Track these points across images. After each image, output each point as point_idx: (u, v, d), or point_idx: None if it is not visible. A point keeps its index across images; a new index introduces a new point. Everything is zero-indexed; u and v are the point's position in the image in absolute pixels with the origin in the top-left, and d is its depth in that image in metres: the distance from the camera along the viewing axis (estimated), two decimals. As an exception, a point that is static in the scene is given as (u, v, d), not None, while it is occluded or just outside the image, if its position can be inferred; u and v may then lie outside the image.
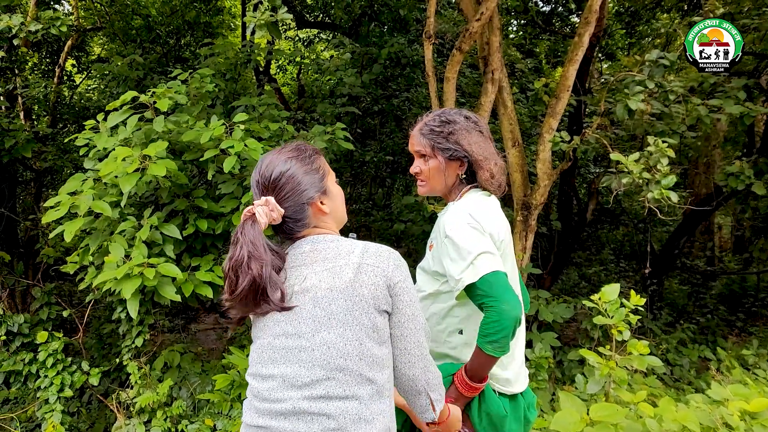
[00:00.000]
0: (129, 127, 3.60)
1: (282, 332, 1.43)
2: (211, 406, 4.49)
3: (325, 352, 1.38)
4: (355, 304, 1.40)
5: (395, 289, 1.44)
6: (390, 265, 1.45)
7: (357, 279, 1.41)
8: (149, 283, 3.44)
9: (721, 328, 8.06)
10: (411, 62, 7.35)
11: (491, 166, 1.89)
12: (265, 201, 1.46)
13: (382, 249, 1.48)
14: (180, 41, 9.33)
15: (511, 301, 1.60)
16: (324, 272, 1.43)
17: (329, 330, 1.39)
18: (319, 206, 1.53)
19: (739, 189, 5.27)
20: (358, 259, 1.43)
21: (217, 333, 8.75)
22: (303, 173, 1.51)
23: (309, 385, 1.38)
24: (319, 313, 1.40)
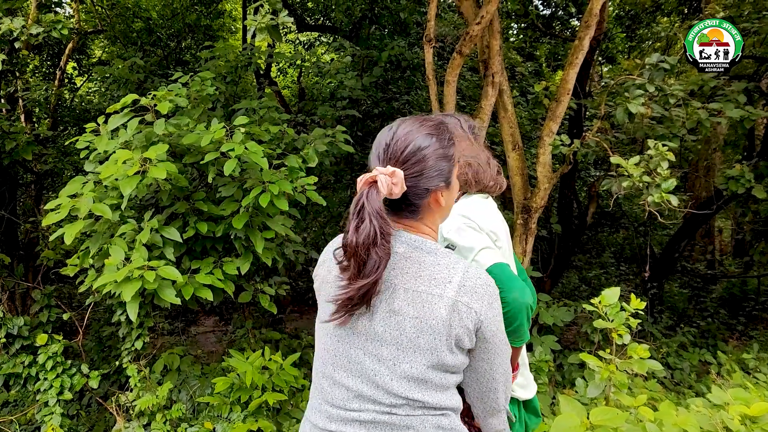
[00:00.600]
0: (129, 130, 3.60)
1: (362, 347, 1.38)
2: (210, 409, 4.48)
3: (405, 385, 1.34)
4: (441, 344, 1.33)
5: (483, 328, 1.36)
6: (484, 305, 1.35)
7: (450, 319, 1.32)
8: (149, 286, 3.44)
9: (721, 331, 8.06)
10: (411, 65, 7.36)
11: (483, 166, 1.88)
12: (392, 172, 1.31)
13: (479, 284, 1.36)
14: (181, 44, 9.34)
15: (520, 289, 1.59)
16: (415, 295, 1.34)
17: (411, 364, 1.34)
18: (439, 197, 1.40)
19: (739, 192, 5.26)
20: (453, 295, 1.32)
21: (217, 336, 8.75)
22: (437, 157, 1.37)
23: (388, 406, 1.35)
24: (404, 342, 1.34)
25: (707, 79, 5.33)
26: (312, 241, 8.02)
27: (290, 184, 3.88)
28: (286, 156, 4.26)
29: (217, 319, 9.91)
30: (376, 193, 1.29)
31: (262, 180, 3.79)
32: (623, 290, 8.69)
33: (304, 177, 4.11)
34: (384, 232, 1.28)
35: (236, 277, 4.10)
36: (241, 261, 4.06)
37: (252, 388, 4.22)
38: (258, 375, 4.21)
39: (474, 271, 1.37)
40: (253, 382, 4.17)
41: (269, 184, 3.75)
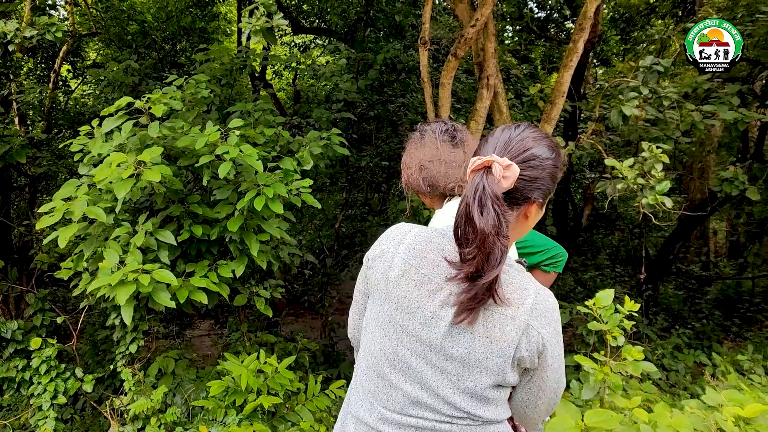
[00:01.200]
0: (124, 133, 3.59)
1: (425, 356, 1.35)
2: (205, 412, 4.46)
3: (466, 400, 1.33)
4: (508, 365, 1.31)
5: (546, 353, 1.33)
6: (551, 330, 1.32)
7: (520, 342, 1.29)
8: (144, 290, 3.43)
9: (716, 333, 8.08)
10: (406, 68, 7.36)
11: (411, 170, 1.91)
12: (509, 165, 1.25)
13: (549, 308, 1.32)
14: (175, 47, 9.33)
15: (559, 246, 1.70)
16: (487, 314, 1.30)
17: (476, 382, 1.32)
18: (532, 211, 1.36)
19: (733, 194, 5.29)
20: (526, 318, 1.29)
21: (212, 339, 8.73)
22: (550, 173, 1.33)
23: (447, 416, 1.34)
24: (471, 361, 1.31)
25: (701, 81, 5.36)
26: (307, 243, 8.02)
27: (285, 187, 3.88)
28: (281, 159, 4.25)
29: (212, 322, 9.89)
30: (492, 177, 1.24)
31: (257, 183, 3.78)
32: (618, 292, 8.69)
33: (299, 180, 4.11)
34: (506, 219, 1.22)
35: (231, 280, 4.09)
36: (236, 264, 4.05)
37: (247, 391, 4.21)
38: (253, 378, 4.20)
39: (545, 294, 1.34)
40: (248, 385, 4.16)
41: (264, 186, 3.74)
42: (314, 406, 4.44)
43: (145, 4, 9.30)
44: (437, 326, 1.32)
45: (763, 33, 5.33)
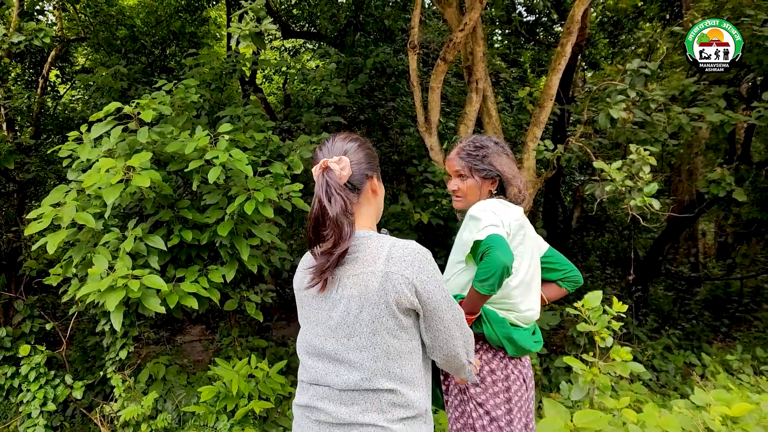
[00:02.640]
0: (113, 138, 3.58)
1: (323, 335, 1.60)
2: (196, 418, 4.44)
3: (358, 355, 1.53)
4: (381, 311, 1.51)
5: (421, 291, 1.52)
6: (414, 270, 1.52)
7: (383, 288, 1.50)
8: (133, 295, 3.40)
9: (705, 333, 8.14)
10: (396, 72, 7.38)
11: (518, 183, 2.24)
12: (339, 159, 1.60)
13: (407, 252, 1.54)
14: (165, 51, 9.30)
15: (505, 252, 1.87)
16: (355, 278, 1.54)
17: (360, 336, 1.53)
18: (375, 184, 1.69)
19: (720, 196, 5.33)
20: (383, 267, 1.52)
21: (203, 344, 8.70)
22: (369, 152, 1.70)
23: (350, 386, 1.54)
24: (351, 320, 1.54)
25: (688, 84, 5.41)
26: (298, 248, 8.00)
27: (275, 192, 3.87)
28: (271, 163, 4.25)
29: (203, 327, 9.85)
30: (330, 171, 1.57)
31: (247, 187, 3.78)
32: (608, 293, 8.75)
33: (290, 184, 4.11)
34: (349, 200, 1.55)
35: (222, 285, 4.08)
36: (227, 269, 4.04)
37: (238, 396, 4.20)
38: (244, 383, 4.18)
39: (401, 243, 1.56)
40: (239, 390, 4.15)
41: (254, 191, 3.74)
42: (306, 411, 4.43)
43: (134, 9, 9.27)
44: (326, 306, 1.59)
45: (748, 36, 5.39)
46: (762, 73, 5.79)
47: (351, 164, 1.62)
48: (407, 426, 1.54)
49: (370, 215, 1.69)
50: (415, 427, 1.56)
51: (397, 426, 1.52)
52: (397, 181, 9.04)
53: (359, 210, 1.66)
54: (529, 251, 2.19)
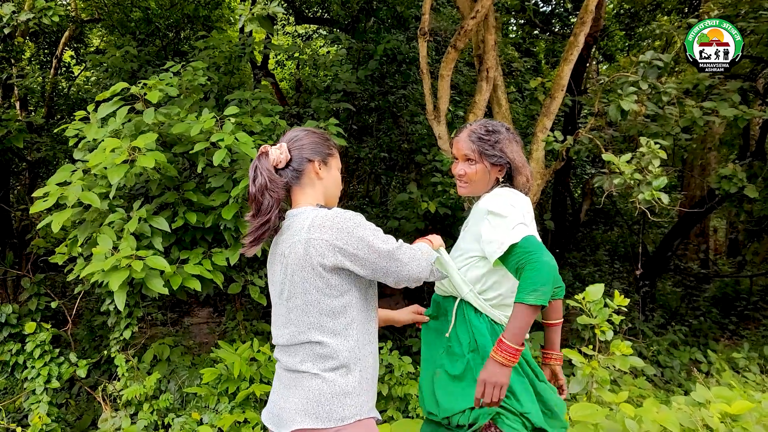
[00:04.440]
0: (119, 119, 3.58)
1: (275, 300, 1.85)
2: (198, 399, 4.48)
3: (297, 314, 1.76)
4: (308, 273, 1.71)
5: (345, 247, 1.69)
6: (333, 232, 1.70)
7: (307, 254, 1.70)
8: (137, 276, 3.42)
9: (713, 330, 8.07)
10: (407, 59, 7.32)
11: (527, 172, 2.17)
12: (280, 145, 1.86)
13: (327, 218, 1.72)
14: (179, 35, 9.28)
15: (550, 256, 1.80)
16: (288, 246, 1.76)
17: (296, 296, 1.75)
18: (317, 168, 1.86)
19: (731, 192, 5.26)
20: (305, 235, 1.71)
21: (210, 327, 8.75)
22: (315, 140, 1.90)
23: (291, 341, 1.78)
24: (287, 281, 1.77)
25: (702, 78, 5.33)
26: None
27: (280, 176, 3.86)
28: (277, 148, 4.23)
29: (210, 310, 9.92)
30: (265, 157, 1.82)
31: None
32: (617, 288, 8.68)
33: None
34: (272, 180, 1.77)
35: (226, 268, 4.09)
36: (231, 252, 4.05)
37: (240, 379, 4.22)
38: (246, 366, 4.21)
39: (322, 213, 1.74)
40: (241, 373, 4.17)
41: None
42: (306, 395, 4.45)
43: (148, -9, 9.24)
44: (275, 277, 1.84)
45: (765, 30, 5.29)
46: (779, 69, 5.69)
47: (292, 149, 1.85)
48: (337, 374, 1.74)
49: (315, 195, 1.88)
50: (348, 379, 1.75)
51: (329, 374, 1.73)
52: (407, 169, 9.01)
53: (302, 190, 1.86)
54: None
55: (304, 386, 1.74)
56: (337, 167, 1.96)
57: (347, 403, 1.73)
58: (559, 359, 2.25)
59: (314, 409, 1.72)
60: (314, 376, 1.74)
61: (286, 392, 1.80)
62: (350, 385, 1.75)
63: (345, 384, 1.74)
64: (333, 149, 1.95)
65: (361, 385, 1.78)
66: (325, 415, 1.71)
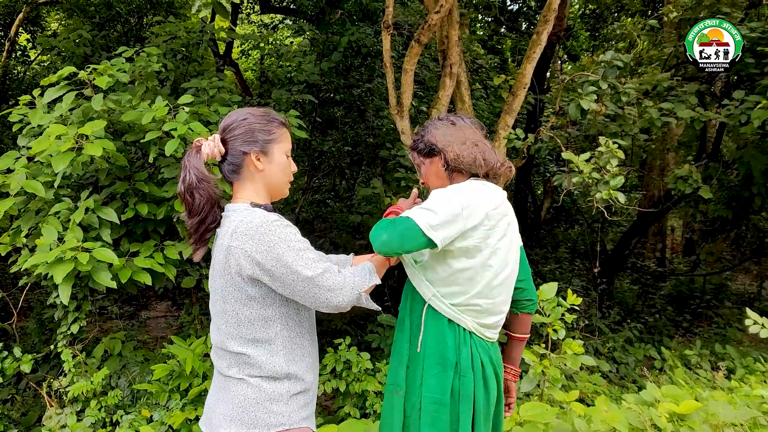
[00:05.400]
0: (65, 104, 3.43)
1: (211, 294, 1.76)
2: (149, 396, 4.36)
3: (219, 318, 1.70)
4: (227, 282, 1.64)
5: (262, 261, 1.58)
6: (254, 242, 1.58)
7: (227, 261, 1.62)
8: (83, 268, 3.29)
9: (667, 327, 8.25)
10: (373, 52, 7.26)
11: (455, 148, 1.97)
12: (213, 137, 1.72)
13: (249, 226, 1.60)
14: (141, 21, 9.03)
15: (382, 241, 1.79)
16: (215, 249, 1.69)
17: (216, 302, 1.70)
18: (254, 161, 1.71)
19: (687, 192, 5.35)
20: (227, 242, 1.62)
21: (167, 321, 8.58)
22: (252, 128, 1.72)
23: (217, 345, 1.73)
24: (213, 287, 1.71)
25: (662, 79, 5.39)
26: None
27: (237, 168, 3.76)
28: (235, 139, 4.12)
29: (169, 304, 9.72)
30: (195, 152, 1.69)
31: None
32: (576, 285, 8.82)
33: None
34: (201, 178, 1.64)
35: (179, 261, 3.97)
36: (184, 245, 3.94)
37: (192, 375, 4.12)
38: (199, 362, 4.10)
39: (247, 218, 1.61)
40: (194, 369, 4.07)
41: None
42: (261, 392, 4.37)
43: (108, -27, 8.94)
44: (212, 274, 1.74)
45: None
46: (736, 72, 5.80)
47: (228, 141, 1.71)
48: (265, 382, 1.66)
49: (256, 189, 1.75)
50: (275, 386, 1.67)
51: (254, 380, 1.66)
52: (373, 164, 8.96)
53: (241, 185, 1.74)
54: (500, 238, 1.92)
55: (230, 391, 1.68)
56: (283, 151, 1.78)
57: (273, 410, 1.65)
58: (515, 375, 2.20)
59: (239, 414, 1.65)
60: (240, 381, 1.67)
61: (216, 395, 1.74)
62: (277, 392, 1.67)
63: (272, 390, 1.66)
64: (275, 132, 1.75)
65: (290, 393, 1.69)
66: (250, 421, 1.64)
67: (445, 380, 1.86)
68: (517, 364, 2.21)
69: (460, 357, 1.87)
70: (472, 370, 1.88)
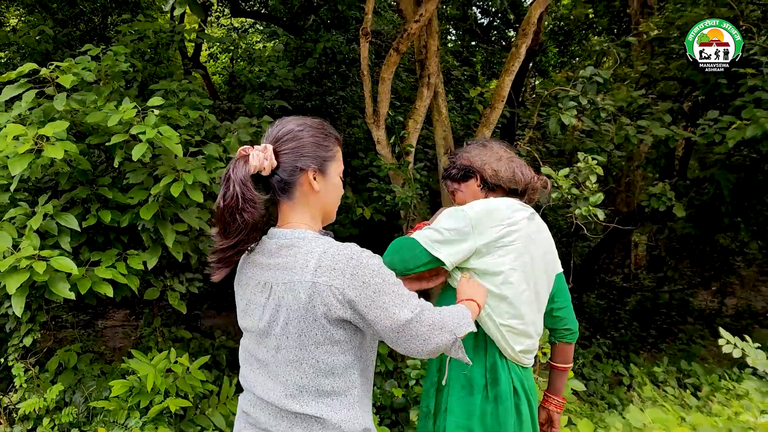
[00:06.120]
0: (25, 103, 3.21)
1: (255, 340, 1.49)
2: (106, 414, 4.11)
3: (286, 369, 1.42)
4: (309, 325, 1.38)
5: (355, 299, 1.37)
6: (346, 278, 1.36)
7: (311, 301, 1.36)
8: (39, 279, 3.07)
9: (633, 343, 8.31)
10: (347, 60, 7.15)
11: (492, 165, 2.03)
12: (263, 147, 1.45)
13: (339, 259, 1.37)
14: (106, 20, 8.73)
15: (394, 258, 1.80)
16: (282, 283, 1.41)
17: (288, 349, 1.41)
18: (311, 179, 1.48)
19: (660, 210, 5.38)
20: (311, 277, 1.37)
21: (126, 330, 8.25)
22: (311, 141, 1.50)
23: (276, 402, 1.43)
24: (277, 328, 1.41)
25: (636, 96, 5.43)
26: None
27: (207, 174, 3.60)
28: (205, 144, 3.96)
29: (127, 312, 9.37)
30: (243, 164, 1.41)
31: (176, 168, 3.49)
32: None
33: (224, 168, 3.83)
34: (247, 197, 1.38)
35: (142, 272, 3.77)
36: (149, 255, 3.74)
37: (153, 392, 3.90)
38: (161, 379, 3.89)
39: (333, 250, 1.39)
40: (155, 386, 3.85)
41: (183, 172, 3.45)
42: (227, 410, 4.18)
43: (72, -30, 8.63)
44: (255, 313, 1.48)
45: (696, 54, 5.45)
46: (705, 93, 5.88)
47: (280, 153, 1.46)
48: None
49: (311, 214, 1.52)
50: None
51: None
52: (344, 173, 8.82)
53: (293, 207, 1.50)
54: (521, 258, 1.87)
55: None
56: (337, 171, 1.57)
57: None
58: (559, 406, 2.12)
59: None
60: None
61: None
62: None
63: None
64: (332, 149, 1.54)
65: None
66: None
67: (471, 404, 1.82)
68: (560, 395, 2.14)
69: (497, 382, 1.82)
70: (511, 396, 1.83)
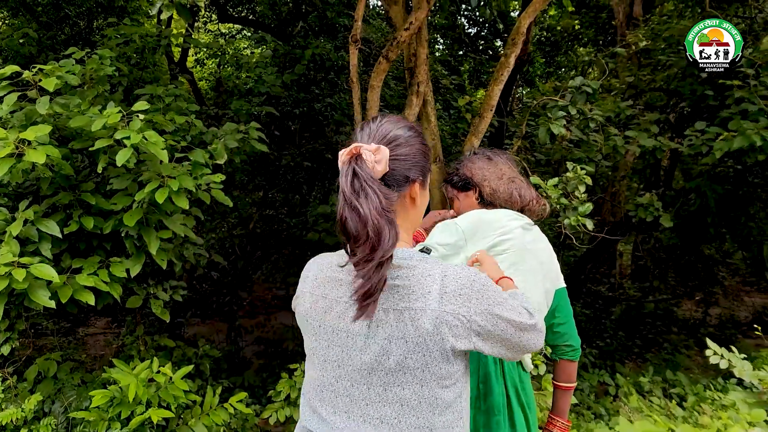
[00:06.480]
0: (6, 106, 3.14)
1: (347, 375, 1.26)
2: (86, 425, 4.01)
3: (398, 410, 1.22)
4: (432, 359, 1.20)
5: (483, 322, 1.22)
6: (472, 304, 1.21)
7: (437, 332, 1.18)
8: (18, 286, 2.99)
9: (619, 353, 8.32)
10: (336, 67, 7.12)
11: (492, 183, 2.02)
12: (377, 148, 1.23)
13: (461, 285, 1.21)
14: (91, 24, 8.64)
15: None
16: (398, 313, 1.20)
17: (402, 386, 1.21)
18: (416, 190, 1.33)
19: (648, 220, 5.40)
20: (436, 306, 1.19)
21: (107, 338, 8.11)
22: (421, 150, 1.33)
23: None
24: (391, 366, 1.21)
25: (623, 107, 5.45)
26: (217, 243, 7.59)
27: (193, 181, 3.53)
28: (191, 150, 3.90)
29: (109, 320, 9.22)
30: (362, 161, 1.20)
31: (161, 174, 3.42)
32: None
33: (210, 174, 3.77)
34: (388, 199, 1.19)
35: (125, 279, 3.69)
36: (132, 262, 3.66)
37: (135, 403, 3.81)
38: (143, 389, 3.80)
39: (452, 273, 1.22)
40: (137, 396, 3.76)
41: (169, 178, 3.39)
42: (210, 421, 4.10)
43: (57, -27, 8.52)
44: (354, 344, 1.25)
45: (683, 66, 5.49)
46: (692, 103, 5.92)
47: (392, 159, 1.25)
48: None
49: (406, 229, 1.34)
50: None
51: None
52: (328, 180, 8.78)
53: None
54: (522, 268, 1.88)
55: None
56: (428, 185, 1.42)
57: None
58: (564, 429, 2.07)
59: None
60: None
61: None
62: None
63: None
64: (430, 159, 1.39)
65: None
66: None
67: None
68: (565, 416, 2.09)
69: (489, 393, 1.79)
70: (504, 408, 1.81)
